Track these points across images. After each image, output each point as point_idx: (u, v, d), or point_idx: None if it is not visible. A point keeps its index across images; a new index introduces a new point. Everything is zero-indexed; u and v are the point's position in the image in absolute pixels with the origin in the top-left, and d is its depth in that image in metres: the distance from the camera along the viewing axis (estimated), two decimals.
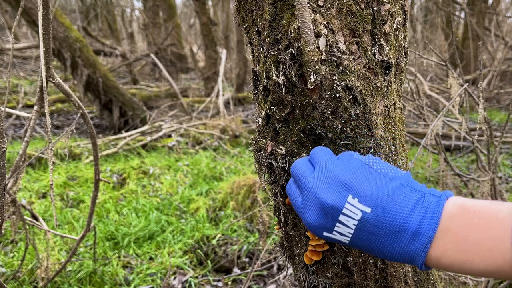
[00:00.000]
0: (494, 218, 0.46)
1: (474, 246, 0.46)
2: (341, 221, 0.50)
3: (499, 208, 0.46)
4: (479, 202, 0.49)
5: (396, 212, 0.49)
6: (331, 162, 0.54)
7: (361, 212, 0.49)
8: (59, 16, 4.62)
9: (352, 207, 0.50)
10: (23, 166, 1.22)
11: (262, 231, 1.80)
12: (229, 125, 4.89)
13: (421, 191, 0.51)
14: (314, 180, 0.53)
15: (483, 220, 0.46)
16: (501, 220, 0.45)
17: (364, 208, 0.49)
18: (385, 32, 0.62)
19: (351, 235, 0.51)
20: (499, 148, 1.64)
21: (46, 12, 0.94)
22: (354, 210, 0.50)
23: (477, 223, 0.46)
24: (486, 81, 6.88)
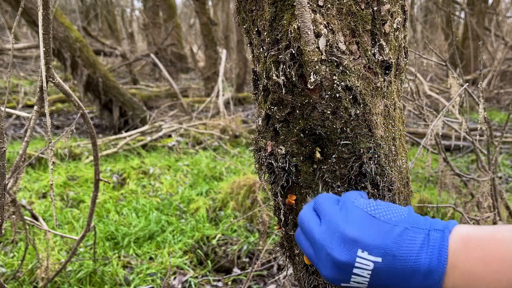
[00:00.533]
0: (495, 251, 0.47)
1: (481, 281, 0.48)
2: (356, 273, 0.53)
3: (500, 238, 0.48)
4: (482, 231, 0.51)
5: (405, 257, 0.51)
6: (335, 215, 0.56)
7: (372, 263, 0.52)
8: (59, 16, 4.62)
9: (363, 260, 0.52)
10: (23, 166, 1.22)
11: (262, 231, 1.80)
12: (229, 125, 4.89)
13: (425, 229, 0.53)
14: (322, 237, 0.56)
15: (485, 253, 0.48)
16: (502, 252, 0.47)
17: (375, 259, 0.52)
18: (385, 32, 0.62)
19: (368, 283, 0.53)
20: (499, 148, 1.64)
21: (46, 12, 0.94)
22: (365, 263, 0.52)
23: (480, 257, 0.48)
24: (486, 81, 6.89)
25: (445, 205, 1.45)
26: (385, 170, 0.66)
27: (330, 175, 0.66)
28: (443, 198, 2.72)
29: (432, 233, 0.52)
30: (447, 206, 1.73)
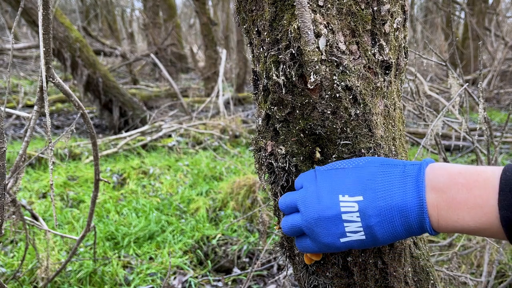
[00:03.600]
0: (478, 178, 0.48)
1: (463, 204, 0.48)
2: (346, 219, 0.53)
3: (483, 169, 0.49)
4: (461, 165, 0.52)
5: (385, 188, 0.52)
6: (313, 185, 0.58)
7: (356, 203, 0.52)
8: (59, 16, 4.62)
9: (347, 203, 0.53)
10: (23, 166, 1.22)
11: (262, 231, 1.80)
12: (229, 125, 4.89)
13: (399, 164, 0.54)
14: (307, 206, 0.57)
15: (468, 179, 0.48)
16: (485, 179, 0.47)
17: (356, 198, 0.53)
18: (385, 32, 0.62)
19: (362, 228, 0.53)
20: (499, 148, 1.64)
21: (46, 12, 0.94)
22: (350, 205, 0.53)
23: (463, 182, 0.48)
24: (486, 81, 6.89)
25: None
26: None
27: None
28: None
29: (408, 166, 0.53)
30: None
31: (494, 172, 0.47)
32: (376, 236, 0.53)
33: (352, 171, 0.56)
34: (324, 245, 0.57)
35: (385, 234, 0.53)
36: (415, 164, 0.53)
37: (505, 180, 0.46)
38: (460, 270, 1.73)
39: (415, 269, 0.74)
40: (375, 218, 0.52)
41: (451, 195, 0.49)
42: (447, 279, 1.41)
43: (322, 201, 0.55)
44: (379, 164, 0.55)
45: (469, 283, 1.42)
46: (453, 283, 1.42)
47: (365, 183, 0.53)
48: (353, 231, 0.54)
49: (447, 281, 1.41)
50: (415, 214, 0.51)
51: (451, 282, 1.42)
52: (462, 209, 0.48)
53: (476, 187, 0.47)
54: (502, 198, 0.45)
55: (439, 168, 0.52)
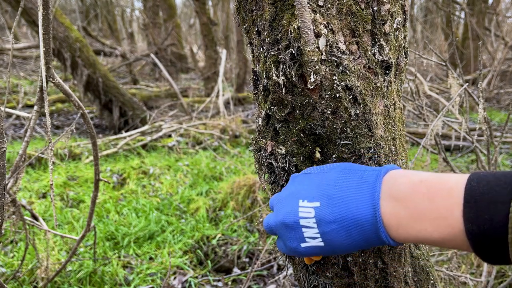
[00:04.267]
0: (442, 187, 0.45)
1: (426, 215, 0.45)
2: (303, 225, 0.53)
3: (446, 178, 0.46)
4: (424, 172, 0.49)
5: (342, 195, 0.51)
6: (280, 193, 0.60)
7: (313, 209, 0.52)
8: (59, 16, 4.62)
9: (305, 208, 0.53)
10: (23, 166, 1.22)
11: (262, 231, 1.80)
12: (229, 125, 4.89)
13: (358, 170, 0.53)
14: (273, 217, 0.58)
15: (430, 189, 0.46)
16: (449, 189, 0.44)
17: (313, 204, 0.52)
18: (385, 32, 0.62)
19: (319, 234, 0.52)
20: (499, 148, 1.64)
21: (46, 12, 0.94)
22: (307, 210, 0.52)
23: (425, 192, 0.46)
24: (486, 81, 6.89)
25: None
26: None
27: None
28: None
29: (367, 173, 0.52)
30: None
31: (458, 181, 0.44)
32: (333, 243, 0.52)
33: (315, 176, 0.56)
34: (290, 248, 0.57)
35: (343, 243, 0.51)
36: (374, 170, 0.52)
37: (470, 190, 0.43)
38: (460, 270, 1.73)
39: (415, 269, 0.74)
40: (331, 225, 0.51)
41: (413, 205, 0.46)
42: (447, 279, 1.41)
43: (285, 205, 0.55)
44: (342, 169, 0.54)
45: (469, 283, 1.42)
46: (453, 283, 1.42)
47: (324, 189, 0.52)
48: (311, 237, 0.53)
49: (447, 281, 1.41)
50: (370, 224, 0.49)
51: (451, 282, 1.42)
52: (425, 219, 0.45)
53: (439, 197, 0.45)
54: (467, 210, 0.42)
55: (400, 175, 0.50)
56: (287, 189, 0.58)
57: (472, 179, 0.44)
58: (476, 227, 0.41)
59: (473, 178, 0.44)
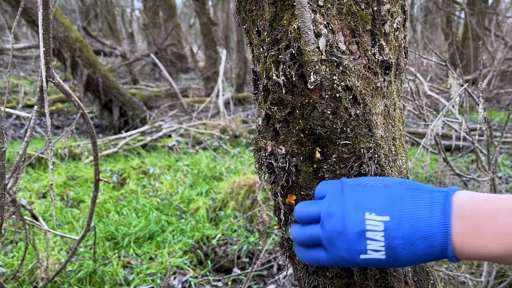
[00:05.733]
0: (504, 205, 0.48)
1: (489, 232, 0.48)
2: (369, 237, 0.54)
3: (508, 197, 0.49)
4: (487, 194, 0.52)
5: (412, 212, 0.52)
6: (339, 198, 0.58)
7: (382, 223, 0.53)
8: (59, 16, 4.62)
9: (372, 221, 0.53)
10: (23, 166, 1.22)
11: (262, 231, 1.80)
12: (229, 125, 4.89)
13: (426, 190, 0.55)
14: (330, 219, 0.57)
15: (494, 207, 0.48)
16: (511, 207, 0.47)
17: (383, 218, 0.53)
18: (385, 32, 0.62)
19: (384, 248, 0.53)
20: (499, 148, 1.64)
21: (46, 12, 0.94)
22: (375, 223, 0.53)
23: (489, 210, 0.49)
24: (486, 81, 6.89)
25: None
26: (385, 170, 0.66)
27: (330, 175, 0.66)
28: None
29: (435, 193, 0.53)
30: None
31: None
32: (397, 257, 0.53)
33: (380, 190, 0.56)
34: (342, 259, 0.57)
35: (406, 257, 0.53)
36: (442, 191, 0.54)
37: None
38: (459, 270, 1.73)
39: (415, 269, 0.74)
40: (398, 240, 0.52)
41: (477, 223, 0.49)
42: (446, 279, 1.41)
43: (349, 215, 0.55)
44: (407, 188, 0.56)
45: (469, 283, 1.42)
46: (453, 283, 1.42)
47: (393, 204, 0.53)
48: (374, 249, 0.54)
49: (447, 281, 1.41)
50: (439, 241, 0.51)
51: (451, 282, 1.42)
52: (488, 236, 0.48)
53: (502, 215, 0.47)
54: None
55: (466, 196, 0.52)
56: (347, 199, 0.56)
57: None
58: None
59: None
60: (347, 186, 0.59)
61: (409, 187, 0.56)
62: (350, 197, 0.56)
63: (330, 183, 0.62)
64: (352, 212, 0.55)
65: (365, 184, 0.58)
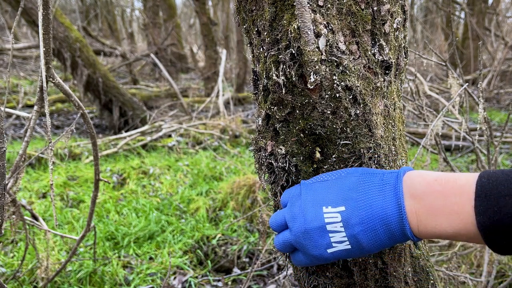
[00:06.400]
0: (454, 185, 0.49)
1: (440, 211, 0.49)
2: (330, 230, 0.55)
3: (458, 175, 0.50)
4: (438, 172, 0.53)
5: (366, 197, 0.53)
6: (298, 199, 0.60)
7: (339, 213, 0.54)
8: (59, 16, 4.62)
9: (330, 213, 0.54)
10: (23, 166, 1.22)
11: (262, 231, 1.80)
12: (229, 125, 4.89)
13: (378, 173, 0.56)
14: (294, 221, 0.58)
15: (444, 186, 0.50)
16: (461, 186, 0.49)
17: (339, 208, 0.54)
18: (385, 32, 0.63)
19: (347, 237, 0.54)
20: (499, 148, 1.64)
21: (46, 12, 0.94)
22: (333, 215, 0.54)
23: (440, 189, 0.50)
24: (486, 81, 6.89)
25: None
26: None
27: None
28: None
29: (386, 175, 0.55)
30: None
31: (469, 179, 0.49)
32: (361, 244, 0.54)
33: (334, 182, 0.57)
34: (314, 257, 0.58)
35: (370, 242, 0.54)
36: (393, 172, 0.55)
37: (481, 186, 0.47)
38: (459, 270, 1.73)
39: (415, 269, 0.74)
40: (358, 227, 0.53)
41: (429, 202, 0.50)
42: (446, 279, 1.41)
43: (307, 214, 0.56)
44: (360, 174, 0.57)
45: (469, 283, 1.42)
46: (453, 283, 1.42)
47: (346, 193, 0.55)
48: (338, 241, 0.55)
49: (447, 281, 1.41)
50: (396, 221, 0.52)
51: (451, 282, 1.42)
52: (440, 215, 0.49)
53: (452, 194, 0.49)
54: (478, 204, 0.46)
55: (416, 175, 0.53)
56: (305, 199, 0.58)
57: (483, 176, 0.48)
58: (486, 219, 0.45)
59: (484, 175, 0.48)
60: (305, 187, 0.60)
61: (361, 173, 0.57)
62: (307, 196, 0.58)
63: (291, 190, 0.63)
64: (310, 210, 0.56)
65: (321, 180, 0.59)
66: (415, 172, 0.54)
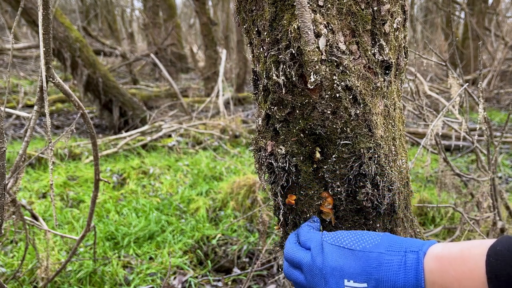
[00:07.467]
0: (465, 269, 0.53)
1: None
2: None
3: (467, 256, 0.54)
4: (452, 250, 0.56)
5: (386, 278, 0.56)
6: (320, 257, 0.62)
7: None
8: (59, 16, 4.62)
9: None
10: (23, 166, 1.22)
11: (262, 231, 1.80)
12: (229, 125, 4.89)
13: (400, 251, 0.59)
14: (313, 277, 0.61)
15: (457, 272, 0.54)
16: (471, 270, 0.52)
17: (361, 285, 0.57)
18: (385, 32, 0.62)
19: None
20: (499, 148, 1.64)
21: (46, 12, 0.94)
22: None
23: (453, 275, 0.54)
24: (486, 81, 6.89)
25: (445, 205, 1.45)
26: (385, 170, 0.66)
27: (330, 175, 0.66)
28: (443, 198, 2.72)
29: (408, 255, 0.58)
30: (447, 206, 1.74)
31: (477, 260, 0.52)
32: None
33: (359, 255, 0.59)
34: None
35: None
36: (414, 253, 0.58)
37: (491, 267, 0.51)
38: None
39: None
40: None
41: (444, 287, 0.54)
42: None
43: (329, 282, 0.59)
44: (385, 250, 0.59)
45: None
46: None
47: (371, 272, 0.57)
48: None
49: None
50: None
51: None
52: None
53: (465, 279, 0.52)
54: (491, 286, 0.50)
55: (433, 259, 0.56)
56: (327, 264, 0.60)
57: (490, 255, 0.51)
58: None
59: (491, 254, 0.52)
60: (327, 247, 0.62)
61: (386, 249, 0.59)
62: (329, 261, 0.60)
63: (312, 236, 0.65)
64: (332, 280, 0.59)
65: (344, 246, 0.61)
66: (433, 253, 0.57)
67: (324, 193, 0.68)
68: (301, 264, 0.63)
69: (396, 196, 0.70)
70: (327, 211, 0.69)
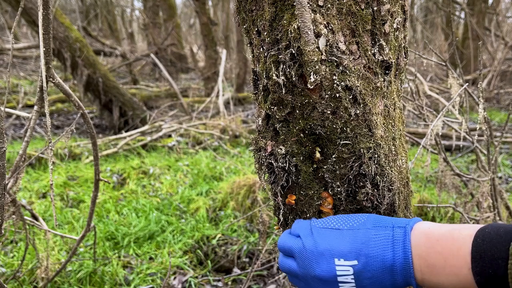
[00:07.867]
0: (452, 247, 0.54)
1: (441, 271, 0.55)
2: (341, 281, 0.59)
3: (457, 236, 0.55)
4: (441, 228, 0.57)
5: (376, 253, 0.57)
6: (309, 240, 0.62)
7: (351, 267, 0.58)
8: (59, 16, 4.62)
9: (342, 267, 0.58)
10: (23, 166, 1.22)
11: (262, 231, 1.80)
12: (229, 125, 4.89)
13: (387, 226, 0.60)
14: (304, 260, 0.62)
15: (444, 249, 0.55)
16: (458, 249, 0.53)
17: (351, 262, 0.58)
18: (385, 32, 0.62)
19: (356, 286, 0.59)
20: (499, 148, 1.64)
21: (46, 12, 0.94)
22: (345, 269, 0.58)
23: (440, 251, 0.55)
24: (486, 81, 6.89)
25: (445, 205, 1.45)
26: (385, 170, 0.66)
27: (330, 175, 0.66)
28: (443, 198, 2.72)
29: (396, 229, 0.59)
30: (447, 206, 1.74)
31: (466, 239, 0.53)
32: None
33: (347, 234, 0.60)
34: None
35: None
36: (401, 227, 0.59)
37: (476, 247, 0.52)
38: None
39: None
40: (368, 280, 0.58)
41: (432, 263, 0.55)
42: None
43: (320, 263, 0.60)
44: (372, 226, 0.60)
45: None
46: None
47: (359, 248, 0.58)
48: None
49: None
50: (403, 277, 0.57)
51: None
52: (441, 275, 0.55)
53: (451, 256, 0.54)
54: (474, 265, 0.51)
55: (421, 235, 0.57)
56: (317, 245, 0.61)
57: (478, 236, 0.53)
58: (484, 280, 0.51)
59: (479, 235, 0.53)
60: (316, 230, 0.63)
61: (373, 225, 0.60)
62: (320, 243, 0.61)
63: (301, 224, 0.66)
64: (323, 260, 0.59)
65: (332, 227, 0.62)
66: (421, 228, 0.58)
67: (324, 193, 0.68)
68: (292, 251, 0.63)
69: (396, 196, 0.70)
70: (327, 211, 0.69)
